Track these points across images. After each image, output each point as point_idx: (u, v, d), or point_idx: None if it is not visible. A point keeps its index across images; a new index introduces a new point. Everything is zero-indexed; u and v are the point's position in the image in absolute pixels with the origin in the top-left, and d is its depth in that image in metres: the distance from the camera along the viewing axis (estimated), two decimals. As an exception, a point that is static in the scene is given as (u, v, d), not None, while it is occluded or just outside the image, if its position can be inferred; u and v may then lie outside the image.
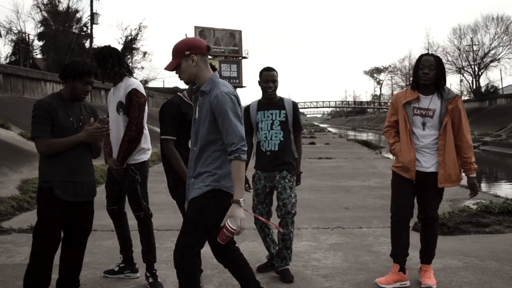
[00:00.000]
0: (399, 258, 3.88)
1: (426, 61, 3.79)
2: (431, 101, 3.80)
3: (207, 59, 2.94)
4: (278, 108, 4.19)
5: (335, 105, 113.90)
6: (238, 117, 2.79)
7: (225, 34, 64.73)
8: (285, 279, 4.09)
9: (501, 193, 9.22)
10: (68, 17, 40.98)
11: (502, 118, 35.54)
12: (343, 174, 11.61)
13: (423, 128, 3.81)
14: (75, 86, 3.27)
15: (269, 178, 4.19)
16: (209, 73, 2.91)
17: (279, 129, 4.17)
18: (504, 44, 57.14)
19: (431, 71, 3.75)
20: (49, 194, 3.18)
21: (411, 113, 3.82)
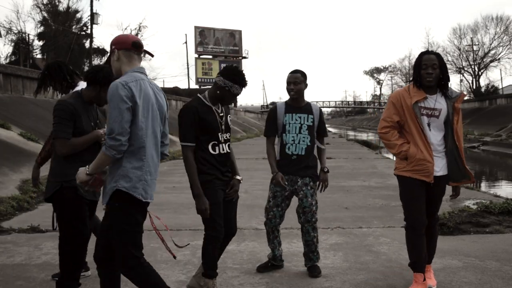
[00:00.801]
0: (421, 267, 3.71)
1: (428, 60, 3.61)
2: (436, 101, 3.65)
3: (133, 54, 2.96)
4: (306, 112, 4.20)
5: (335, 105, 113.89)
6: (119, 109, 2.69)
7: (225, 34, 64.71)
8: (311, 273, 4.18)
9: (501, 193, 9.21)
10: (68, 17, 41.03)
11: (502, 118, 35.52)
12: (343, 174, 11.61)
13: (429, 129, 3.66)
14: (101, 93, 3.31)
15: (291, 182, 4.18)
16: (131, 68, 2.92)
17: (307, 133, 4.17)
18: (504, 44, 57.20)
19: (434, 70, 3.59)
20: (73, 194, 3.19)
21: (419, 113, 3.64)
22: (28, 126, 12.48)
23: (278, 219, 4.21)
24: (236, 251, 4.91)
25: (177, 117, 3.61)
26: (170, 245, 3.14)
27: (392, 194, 8.57)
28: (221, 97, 3.55)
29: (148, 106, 2.84)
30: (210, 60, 62.35)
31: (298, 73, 4.17)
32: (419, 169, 3.64)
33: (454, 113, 3.65)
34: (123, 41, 2.98)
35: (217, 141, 3.53)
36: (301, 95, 4.20)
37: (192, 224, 6.19)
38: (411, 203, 3.74)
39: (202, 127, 3.47)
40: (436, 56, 3.65)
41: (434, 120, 3.64)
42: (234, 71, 3.55)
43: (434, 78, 3.60)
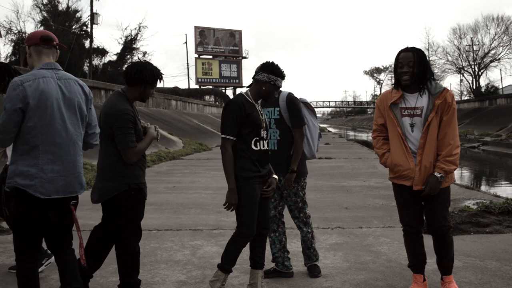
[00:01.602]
0: (419, 269, 3.68)
1: (404, 58, 3.44)
2: (418, 99, 3.46)
3: (42, 49, 2.99)
4: (273, 105, 4.11)
5: (335, 105, 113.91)
6: (7, 109, 2.79)
7: (225, 34, 64.72)
8: (311, 273, 4.18)
9: (501, 193, 9.21)
10: (68, 17, 41.05)
11: (502, 118, 35.54)
12: (343, 174, 11.61)
13: (411, 130, 3.48)
14: (146, 91, 3.39)
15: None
16: (39, 64, 2.98)
17: (275, 127, 4.13)
18: (504, 44, 57.28)
19: (410, 68, 3.41)
20: (140, 195, 3.37)
21: (399, 114, 3.50)
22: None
23: (276, 223, 4.25)
24: (236, 251, 4.91)
25: (222, 109, 3.64)
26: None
27: (392, 194, 8.56)
28: (267, 93, 3.59)
29: (45, 104, 2.83)
30: (210, 60, 62.36)
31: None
32: (398, 175, 3.56)
33: (432, 109, 3.40)
34: (33, 36, 3.00)
35: (259, 137, 3.54)
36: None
37: (192, 224, 6.19)
38: (401, 209, 3.69)
39: (247, 123, 3.48)
40: (413, 53, 3.45)
41: (417, 120, 3.46)
42: (275, 66, 3.63)
43: (410, 76, 3.42)
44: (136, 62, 3.54)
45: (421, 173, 3.45)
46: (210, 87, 62.56)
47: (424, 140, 3.43)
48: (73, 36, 39.25)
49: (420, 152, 3.45)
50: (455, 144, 3.44)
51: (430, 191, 3.44)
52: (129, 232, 3.39)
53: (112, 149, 3.30)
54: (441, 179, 3.42)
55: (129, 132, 3.24)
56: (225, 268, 3.58)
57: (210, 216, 6.66)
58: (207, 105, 50.70)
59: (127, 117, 3.25)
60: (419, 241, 3.69)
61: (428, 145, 3.43)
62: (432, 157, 3.44)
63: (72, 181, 2.98)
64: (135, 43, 45.48)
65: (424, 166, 3.44)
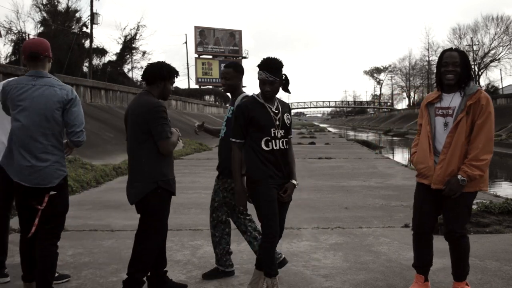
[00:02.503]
0: (423, 270, 3.68)
1: (449, 57, 3.41)
2: (453, 99, 3.45)
3: (29, 62, 3.42)
4: (232, 104, 4.12)
5: (335, 105, 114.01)
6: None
7: (225, 34, 64.72)
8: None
9: (501, 193, 9.21)
10: (67, 17, 41.01)
11: (502, 118, 35.53)
12: (343, 174, 11.61)
13: (445, 129, 3.45)
14: (166, 87, 3.63)
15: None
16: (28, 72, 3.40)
17: (224, 125, 4.12)
18: (504, 44, 57.33)
19: (456, 68, 3.38)
20: (167, 192, 3.55)
21: (433, 114, 3.52)
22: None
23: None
24: (236, 251, 4.91)
25: None
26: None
27: (392, 194, 8.57)
28: (260, 89, 3.54)
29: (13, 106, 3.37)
30: (210, 60, 62.41)
31: (230, 67, 4.14)
32: (419, 172, 3.60)
33: (462, 110, 3.37)
34: (24, 51, 3.46)
35: (270, 136, 3.47)
36: (233, 89, 4.16)
37: (192, 224, 6.19)
38: (416, 207, 3.67)
39: (253, 124, 3.49)
40: (458, 53, 3.45)
41: (450, 120, 3.44)
42: (262, 59, 3.54)
43: (455, 76, 3.40)
44: (151, 62, 3.75)
45: (442, 172, 3.41)
46: (210, 87, 62.56)
47: (450, 139, 3.40)
48: (73, 36, 39.22)
49: (445, 151, 3.42)
50: (485, 149, 3.35)
51: (449, 192, 3.40)
52: (155, 230, 3.57)
53: (141, 150, 3.49)
54: (462, 183, 3.35)
55: (166, 123, 3.49)
56: (269, 273, 3.51)
57: (210, 216, 6.65)
58: (207, 105, 50.71)
59: (163, 109, 3.49)
60: (428, 243, 3.66)
61: (454, 145, 3.38)
62: (458, 158, 3.38)
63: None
64: (135, 42, 45.46)
65: (446, 166, 3.40)
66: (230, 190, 4.00)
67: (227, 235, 4.16)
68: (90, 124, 16.83)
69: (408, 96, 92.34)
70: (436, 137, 3.51)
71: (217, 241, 4.15)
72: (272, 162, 3.47)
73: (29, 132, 3.27)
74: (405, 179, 10.29)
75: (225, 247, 4.15)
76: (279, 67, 3.44)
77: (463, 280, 3.62)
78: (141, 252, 3.57)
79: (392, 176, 10.99)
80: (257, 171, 3.45)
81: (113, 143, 16.01)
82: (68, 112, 3.36)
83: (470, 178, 3.35)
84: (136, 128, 3.49)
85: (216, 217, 4.14)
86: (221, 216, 4.13)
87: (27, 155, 3.27)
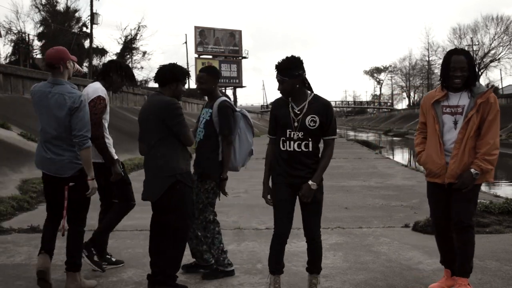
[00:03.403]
0: (449, 264, 3.79)
1: (457, 62, 3.49)
2: (461, 98, 3.55)
3: (48, 69, 3.74)
4: (210, 107, 4.18)
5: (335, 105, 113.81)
6: None
7: (225, 34, 64.71)
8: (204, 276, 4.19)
9: (501, 193, 9.23)
10: (67, 17, 41.01)
11: (502, 118, 35.17)
12: (343, 174, 11.61)
13: (455, 127, 3.56)
14: (178, 88, 3.77)
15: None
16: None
17: (203, 127, 4.16)
18: (504, 44, 57.31)
19: (463, 73, 3.48)
20: (186, 186, 3.69)
21: (440, 112, 3.60)
22: (28, 126, 12.47)
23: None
24: (236, 251, 4.91)
25: None
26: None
27: (392, 194, 8.57)
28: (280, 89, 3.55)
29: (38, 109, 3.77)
30: (210, 60, 62.30)
31: (204, 72, 4.22)
32: (429, 171, 3.69)
33: (473, 107, 3.49)
34: (45, 58, 3.86)
35: (285, 137, 3.48)
36: (208, 93, 4.23)
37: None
38: (431, 207, 3.82)
39: (276, 122, 3.56)
40: (465, 57, 3.52)
41: (460, 118, 3.55)
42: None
43: (462, 80, 3.51)
44: (164, 64, 3.84)
45: (456, 167, 3.52)
46: (209, 87, 62.33)
47: (462, 135, 3.52)
48: (72, 36, 39.23)
49: (457, 147, 3.52)
50: (495, 144, 3.52)
51: (462, 185, 3.51)
52: (179, 225, 3.66)
53: (157, 148, 3.62)
54: (475, 176, 3.49)
55: (183, 118, 3.66)
56: (270, 269, 3.60)
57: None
58: (207, 105, 50.58)
59: (178, 106, 3.65)
60: (449, 238, 3.77)
61: (465, 140, 3.50)
62: (469, 153, 3.51)
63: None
64: (135, 43, 45.45)
65: (460, 160, 3.51)
66: (211, 190, 4.12)
67: (218, 234, 4.16)
68: (90, 124, 16.83)
69: (408, 96, 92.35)
70: (444, 134, 3.60)
71: (210, 242, 4.14)
72: (286, 161, 3.49)
73: (47, 134, 3.74)
74: (405, 179, 10.30)
75: (220, 246, 4.15)
76: (287, 67, 3.41)
77: (465, 277, 3.66)
78: (167, 248, 3.66)
79: (392, 176, 11.00)
80: (274, 170, 3.56)
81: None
82: (72, 117, 3.65)
83: (483, 171, 3.50)
84: (152, 127, 3.64)
85: (204, 218, 4.14)
86: (208, 217, 4.14)
87: (48, 150, 3.74)
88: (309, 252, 3.69)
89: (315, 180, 3.47)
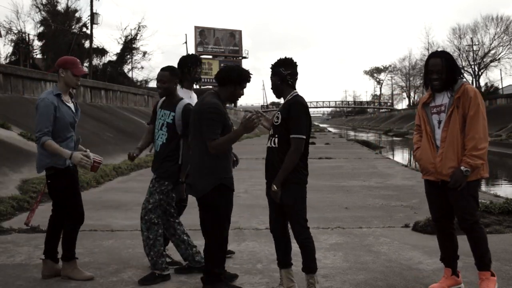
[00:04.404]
0: (449, 262, 3.81)
1: (433, 65, 3.60)
2: (444, 97, 3.66)
3: None
4: (170, 109, 4.11)
5: (335, 105, 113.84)
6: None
7: (225, 34, 64.70)
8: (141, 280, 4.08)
9: (501, 193, 9.22)
10: (67, 17, 40.96)
11: (502, 118, 35.52)
12: (343, 174, 11.61)
13: (439, 126, 3.66)
14: (235, 91, 3.67)
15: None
16: None
17: (165, 131, 4.11)
18: (504, 44, 57.30)
19: (439, 75, 3.58)
20: (229, 189, 3.65)
21: (429, 113, 3.72)
22: (28, 126, 12.46)
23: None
24: (236, 251, 4.91)
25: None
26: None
27: (392, 194, 8.57)
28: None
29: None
30: (210, 60, 62.34)
31: (166, 71, 4.15)
32: (423, 168, 3.76)
33: (452, 104, 3.56)
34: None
35: (270, 134, 3.68)
36: (169, 93, 4.16)
37: (192, 224, 6.18)
38: (430, 204, 3.88)
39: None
40: (441, 59, 3.60)
41: (443, 116, 3.63)
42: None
43: (439, 82, 3.60)
44: (226, 65, 3.87)
45: (442, 164, 3.58)
46: (210, 87, 62.36)
47: (445, 133, 3.58)
48: (73, 36, 39.20)
49: (443, 145, 3.60)
50: (481, 138, 3.50)
51: (455, 184, 3.54)
52: (217, 225, 3.64)
53: (201, 148, 3.56)
54: (466, 173, 3.51)
55: (215, 125, 3.50)
56: (278, 263, 3.81)
57: (210, 216, 6.65)
58: (207, 105, 50.52)
59: (215, 111, 3.51)
60: (448, 235, 3.80)
61: (449, 138, 3.55)
62: (455, 150, 3.55)
63: None
64: (135, 43, 45.42)
65: (445, 158, 3.56)
66: (166, 193, 4.09)
67: (160, 236, 4.10)
68: (90, 124, 16.83)
69: (408, 96, 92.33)
70: (435, 135, 3.68)
71: (151, 244, 4.06)
72: (266, 160, 3.65)
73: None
74: (405, 179, 10.30)
75: (160, 249, 4.09)
76: (272, 67, 3.62)
77: (486, 270, 3.69)
78: (208, 247, 3.68)
79: (392, 176, 11.00)
80: None
81: (113, 143, 15.99)
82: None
83: (472, 167, 3.51)
84: (197, 126, 3.62)
85: (149, 219, 4.08)
86: (154, 218, 4.09)
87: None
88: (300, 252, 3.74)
89: (274, 183, 3.50)
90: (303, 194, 3.57)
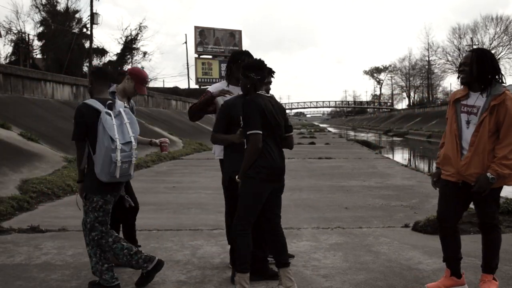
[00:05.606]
0: (450, 263, 3.79)
1: (464, 57, 3.59)
2: (478, 98, 3.55)
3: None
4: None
5: (335, 105, 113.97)
6: None
7: (225, 34, 64.71)
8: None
9: (501, 193, 9.20)
10: (67, 17, 40.99)
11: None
12: (343, 174, 11.61)
13: (467, 126, 3.58)
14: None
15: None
16: None
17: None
18: (504, 44, 57.36)
19: (466, 67, 3.53)
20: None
21: (459, 110, 3.63)
22: (28, 126, 12.46)
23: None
24: (236, 251, 4.90)
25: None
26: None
27: (392, 194, 8.57)
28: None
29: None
30: (210, 60, 62.32)
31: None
32: (444, 168, 3.70)
33: (486, 109, 3.46)
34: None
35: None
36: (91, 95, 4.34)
37: (192, 224, 6.19)
38: (440, 202, 3.80)
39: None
40: (472, 53, 3.56)
41: (473, 118, 3.55)
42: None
43: (465, 75, 3.54)
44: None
45: (465, 168, 3.52)
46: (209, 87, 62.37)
47: (475, 138, 3.51)
48: (73, 36, 39.21)
49: (470, 149, 3.52)
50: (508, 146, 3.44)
51: (479, 189, 3.51)
52: (237, 215, 3.67)
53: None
54: (491, 181, 3.46)
55: (219, 120, 3.92)
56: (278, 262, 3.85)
57: (210, 216, 6.66)
58: (207, 105, 50.51)
59: (220, 109, 3.91)
60: (452, 236, 3.77)
61: (477, 143, 3.49)
62: (481, 157, 3.49)
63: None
64: (135, 43, 45.44)
65: (470, 164, 3.51)
66: (100, 208, 3.79)
67: (114, 244, 3.82)
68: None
69: (408, 96, 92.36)
70: (461, 134, 3.60)
71: (119, 256, 3.81)
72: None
73: None
74: (405, 179, 10.30)
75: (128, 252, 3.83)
76: (243, 70, 3.77)
77: (490, 273, 3.71)
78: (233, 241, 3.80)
79: (392, 176, 10.99)
80: None
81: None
82: None
83: (499, 176, 3.46)
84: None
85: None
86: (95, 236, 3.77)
87: None
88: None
89: (239, 176, 3.69)
90: (253, 190, 3.62)
